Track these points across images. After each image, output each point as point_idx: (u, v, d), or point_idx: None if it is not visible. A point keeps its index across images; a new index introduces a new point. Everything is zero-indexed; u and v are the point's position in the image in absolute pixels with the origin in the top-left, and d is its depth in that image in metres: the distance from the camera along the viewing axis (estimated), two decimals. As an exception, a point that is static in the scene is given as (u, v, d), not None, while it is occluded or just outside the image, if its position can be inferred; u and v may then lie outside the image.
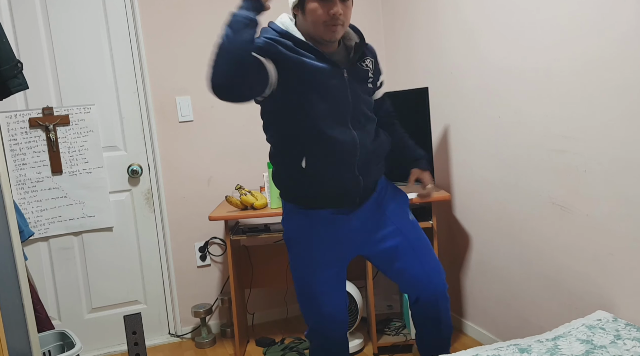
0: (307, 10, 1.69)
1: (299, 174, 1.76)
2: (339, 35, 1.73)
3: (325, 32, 1.70)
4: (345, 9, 1.70)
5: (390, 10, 3.20)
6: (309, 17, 1.70)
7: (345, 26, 1.74)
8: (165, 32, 2.96)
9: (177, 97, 3.02)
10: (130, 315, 2.31)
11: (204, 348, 2.99)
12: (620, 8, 1.72)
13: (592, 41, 1.84)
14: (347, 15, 1.72)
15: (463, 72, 2.57)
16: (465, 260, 2.78)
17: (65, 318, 2.93)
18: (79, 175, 2.86)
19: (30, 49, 2.75)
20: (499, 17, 2.29)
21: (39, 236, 2.82)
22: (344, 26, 1.73)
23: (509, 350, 1.63)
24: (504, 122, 2.34)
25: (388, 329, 2.84)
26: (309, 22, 1.70)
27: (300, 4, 1.71)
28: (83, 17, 2.82)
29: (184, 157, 3.05)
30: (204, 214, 2.95)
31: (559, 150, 2.04)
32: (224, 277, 3.16)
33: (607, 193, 1.85)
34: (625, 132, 1.75)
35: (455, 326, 2.92)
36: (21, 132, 2.75)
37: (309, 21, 1.71)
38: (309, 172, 1.75)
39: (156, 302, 3.09)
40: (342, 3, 1.68)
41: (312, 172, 1.75)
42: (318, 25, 1.69)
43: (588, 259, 1.97)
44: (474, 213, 2.66)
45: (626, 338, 1.63)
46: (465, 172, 2.69)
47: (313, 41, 1.73)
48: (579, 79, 1.91)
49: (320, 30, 1.70)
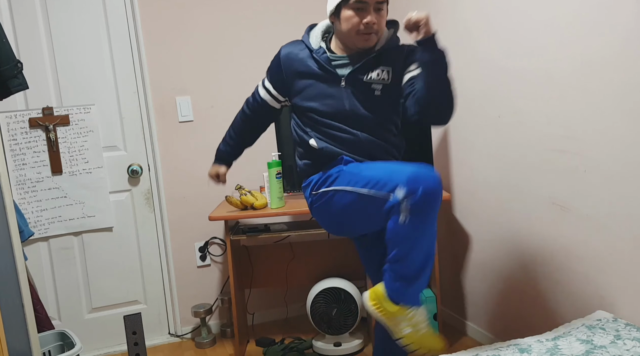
0: (342, 18, 1.77)
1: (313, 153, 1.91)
2: (372, 43, 1.80)
3: (358, 40, 1.78)
4: (380, 18, 1.76)
5: (390, 10, 3.19)
6: (343, 25, 1.77)
7: (380, 34, 1.82)
8: (165, 32, 2.96)
9: (177, 97, 3.02)
10: (130, 315, 2.31)
11: (204, 348, 2.99)
12: (620, 9, 1.72)
13: (592, 41, 1.84)
14: (382, 24, 1.79)
15: (462, 72, 2.57)
16: (465, 260, 2.78)
17: (65, 318, 2.93)
18: (79, 175, 2.86)
19: (30, 49, 2.75)
20: (498, 18, 2.29)
21: (39, 236, 2.82)
22: (378, 34, 1.80)
23: (509, 350, 1.63)
24: (504, 122, 2.34)
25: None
26: (344, 29, 1.78)
27: (336, 12, 1.78)
28: (83, 17, 2.82)
29: (184, 157, 3.05)
30: (204, 214, 2.95)
31: (559, 150, 2.04)
32: (224, 277, 3.16)
33: (607, 193, 1.85)
34: (625, 132, 1.75)
35: (455, 326, 2.92)
36: (21, 132, 2.75)
37: (343, 29, 1.79)
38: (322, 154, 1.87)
39: (156, 302, 3.09)
40: (376, 13, 1.74)
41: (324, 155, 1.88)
42: (352, 33, 1.77)
43: (588, 259, 1.97)
44: (474, 213, 2.66)
45: (626, 338, 1.63)
46: (465, 173, 2.69)
47: (345, 47, 1.85)
48: (579, 79, 1.91)
49: (353, 37, 1.78)
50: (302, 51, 1.90)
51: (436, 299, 2.63)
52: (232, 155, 2.21)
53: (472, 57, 2.50)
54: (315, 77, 1.86)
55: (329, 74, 1.84)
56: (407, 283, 1.60)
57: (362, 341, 2.78)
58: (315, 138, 1.87)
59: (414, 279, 1.60)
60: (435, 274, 2.63)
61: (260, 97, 2.06)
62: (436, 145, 2.88)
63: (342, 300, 2.69)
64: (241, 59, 3.09)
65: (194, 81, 3.02)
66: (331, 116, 1.84)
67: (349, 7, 1.74)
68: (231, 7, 3.06)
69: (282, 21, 3.11)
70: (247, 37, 3.09)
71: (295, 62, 1.90)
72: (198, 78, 3.03)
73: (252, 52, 3.09)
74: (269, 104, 2.05)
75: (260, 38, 3.09)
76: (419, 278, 1.61)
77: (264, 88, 2.05)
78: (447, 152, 2.82)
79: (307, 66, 1.87)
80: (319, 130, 1.87)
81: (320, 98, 1.85)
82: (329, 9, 1.82)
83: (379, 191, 1.61)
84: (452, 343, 2.75)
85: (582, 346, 1.62)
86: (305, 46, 1.90)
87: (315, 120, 1.87)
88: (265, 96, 2.05)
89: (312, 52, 1.86)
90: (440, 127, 1.91)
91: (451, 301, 2.96)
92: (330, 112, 1.84)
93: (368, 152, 1.84)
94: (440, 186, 1.58)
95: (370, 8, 1.73)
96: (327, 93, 1.84)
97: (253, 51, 3.09)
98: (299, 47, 1.91)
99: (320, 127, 1.87)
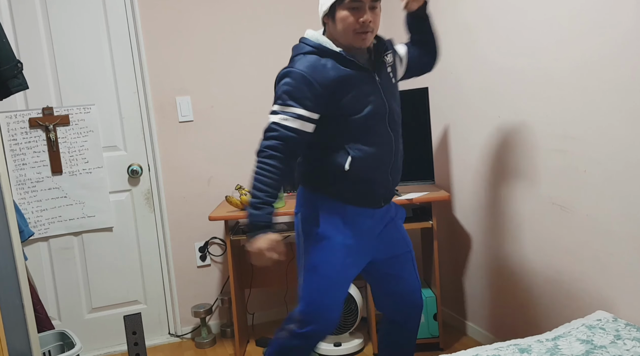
0: (338, 18, 1.73)
1: (342, 175, 1.78)
2: (368, 43, 1.77)
3: (355, 39, 1.74)
4: (375, 17, 1.74)
5: (390, 10, 3.20)
6: (339, 25, 1.74)
7: (375, 32, 1.79)
8: (165, 32, 2.96)
9: (177, 97, 3.02)
10: (130, 315, 2.32)
11: (204, 348, 2.99)
12: (620, 8, 1.72)
13: (592, 41, 1.84)
14: (376, 23, 1.76)
15: (463, 72, 2.57)
16: (465, 260, 2.78)
17: (65, 318, 2.93)
18: (79, 175, 2.86)
19: (30, 49, 2.75)
20: (498, 18, 2.29)
21: (39, 236, 2.82)
22: (374, 33, 1.78)
23: (509, 350, 1.63)
24: (504, 122, 2.34)
25: (388, 329, 2.84)
26: (339, 30, 1.74)
27: (330, 13, 1.75)
28: (83, 17, 2.82)
29: (184, 157, 3.05)
30: (204, 214, 2.95)
31: (559, 150, 2.04)
32: (224, 277, 3.16)
33: (607, 193, 1.85)
34: (625, 132, 1.75)
35: (455, 326, 2.92)
36: (21, 132, 2.75)
37: (339, 29, 1.74)
38: (350, 175, 1.78)
39: (156, 302, 3.09)
40: (371, 11, 1.72)
41: (354, 174, 1.78)
42: (348, 33, 1.73)
43: (588, 259, 1.97)
44: (474, 213, 2.66)
45: (626, 338, 1.63)
46: (465, 173, 2.69)
47: (344, 49, 1.77)
48: (579, 79, 1.91)
49: (350, 38, 1.74)
50: (322, 59, 1.73)
51: (436, 299, 2.63)
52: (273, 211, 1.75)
53: (472, 57, 2.50)
54: (354, 78, 1.74)
55: (365, 72, 1.76)
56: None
57: (362, 341, 2.78)
58: (353, 152, 1.76)
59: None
60: (435, 274, 2.63)
61: (294, 128, 1.70)
62: (436, 145, 2.88)
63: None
64: (241, 59, 3.09)
65: (194, 81, 3.02)
66: (378, 114, 1.78)
67: (344, 7, 1.71)
68: (231, 7, 3.06)
69: (283, 21, 3.11)
70: (248, 37, 3.09)
71: (326, 71, 1.71)
72: (198, 78, 3.03)
73: (252, 52, 3.09)
74: (306, 131, 1.73)
75: (261, 38, 3.09)
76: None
77: (294, 117, 1.70)
78: (447, 152, 2.82)
79: (341, 69, 1.72)
80: (361, 138, 1.77)
81: (366, 97, 1.76)
82: (322, 10, 1.77)
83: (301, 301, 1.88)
84: (452, 343, 2.75)
85: (582, 346, 1.62)
86: (319, 55, 1.73)
87: (358, 127, 1.76)
88: (300, 126, 1.71)
89: (341, 56, 1.73)
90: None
91: (451, 301, 2.95)
92: (377, 110, 1.77)
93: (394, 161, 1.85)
94: (331, 330, 1.90)
95: (366, 7, 1.71)
96: (368, 91, 1.76)
97: (253, 51, 3.09)
98: (313, 58, 1.73)
99: (364, 134, 1.77)
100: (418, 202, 2.56)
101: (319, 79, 1.69)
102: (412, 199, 2.53)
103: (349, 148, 1.77)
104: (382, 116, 1.79)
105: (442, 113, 2.78)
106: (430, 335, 2.66)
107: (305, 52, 1.75)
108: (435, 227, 2.59)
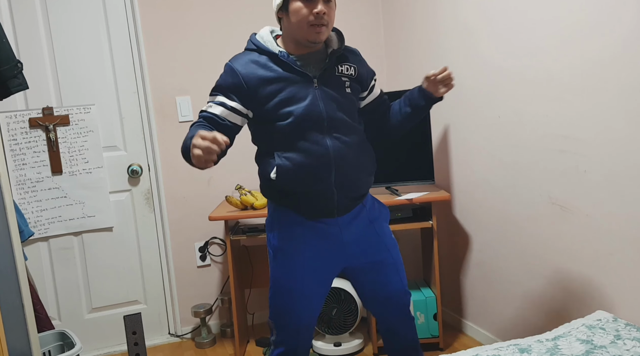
0: (291, 10, 1.69)
1: (271, 184, 1.75)
2: (324, 37, 1.72)
3: (309, 32, 1.69)
4: (329, 10, 1.70)
5: (390, 10, 3.20)
6: (293, 18, 1.69)
7: (330, 27, 1.74)
8: (165, 32, 2.96)
9: (177, 97, 3.02)
10: (130, 315, 2.32)
11: (204, 348, 2.99)
12: (621, 9, 1.72)
13: (592, 42, 1.84)
14: (331, 16, 1.72)
15: (462, 72, 2.57)
16: (465, 260, 2.78)
17: (65, 318, 2.93)
18: (79, 175, 2.86)
19: (30, 49, 2.75)
20: (498, 18, 2.29)
21: (39, 236, 2.82)
22: (329, 27, 1.73)
23: (509, 350, 1.63)
24: (504, 122, 2.35)
25: (388, 329, 2.84)
26: (294, 23, 1.70)
27: (284, 6, 1.72)
28: (83, 17, 2.82)
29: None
30: (204, 214, 2.95)
31: (559, 150, 2.04)
32: (224, 277, 3.16)
33: (607, 193, 1.85)
34: (625, 132, 1.75)
35: (455, 326, 2.92)
36: (21, 132, 2.75)
37: (293, 22, 1.70)
38: (278, 184, 1.73)
39: (156, 302, 3.09)
40: (325, 4, 1.68)
41: (281, 184, 1.73)
42: (302, 26, 1.69)
43: (588, 260, 1.97)
44: (474, 213, 2.66)
45: (626, 338, 1.63)
46: (465, 173, 2.69)
47: (296, 46, 1.74)
48: (579, 79, 1.91)
49: (304, 31, 1.69)
50: (259, 57, 1.73)
51: (436, 299, 2.64)
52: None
53: (472, 57, 2.50)
54: (284, 80, 1.71)
55: (300, 75, 1.71)
56: None
57: (362, 341, 2.78)
58: (279, 160, 1.71)
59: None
60: (435, 274, 2.63)
61: (216, 114, 1.71)
62: (436, 145, 2.88)
63: (342, 299, 2.69)
64: (241, 59, 3.09)
65: (194, 81, 3.02)
66: (309, 121, 1.70)
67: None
68: (231, 7, 3.06)
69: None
70: (248, 37, 3.08)
71: (256, 69, 1.71)
72: (198, 78, 3.03)
73: (252, 52, 3.09)
74: (230, 120, 1.73)
75: (260, 38, 3.08)
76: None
77: (216, 104, 1.72)
78: (447, 152, 2.82)
79: (273, 70, 1.71)
80: (289, 146, 1.71)
81: (295, 102, 1.70)
82: (276, 4, 1.73)
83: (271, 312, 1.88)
84: (452, 343, 2.75)
85: (582, 346, 1.62)
86: (258, 53, 1.74)
87: (286, 133, 1.71)
88: (222, 113, 1.71)
89: (277, 56, 1.72)
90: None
91: (451, 301, 2.96)
92: (308, 117, 1.69)
93: (355, 163, 1.77)
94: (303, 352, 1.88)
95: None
96: (300, 96, 1.70)
97: (253, 51, 3.09)
98: (252, 55, 1.74)
99: (292, 141, 1.71)
100: (418, 202, 2.56)
101: (245, 74, 1.70)
102: (412, 199, 2.54)
103: (276, 155, 1.72)
104: (316, 124, 1.70)
105: (442, 113, 2.78)
106: (430, 334, 2.66)
107: (248, 48, 1.79)
108: (435, 227, 2.59)
